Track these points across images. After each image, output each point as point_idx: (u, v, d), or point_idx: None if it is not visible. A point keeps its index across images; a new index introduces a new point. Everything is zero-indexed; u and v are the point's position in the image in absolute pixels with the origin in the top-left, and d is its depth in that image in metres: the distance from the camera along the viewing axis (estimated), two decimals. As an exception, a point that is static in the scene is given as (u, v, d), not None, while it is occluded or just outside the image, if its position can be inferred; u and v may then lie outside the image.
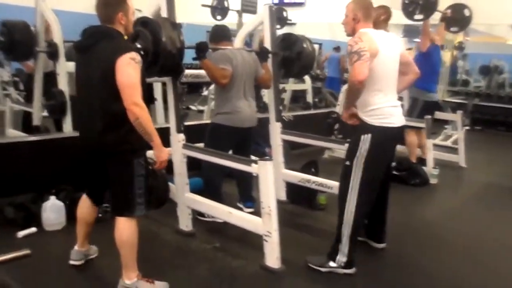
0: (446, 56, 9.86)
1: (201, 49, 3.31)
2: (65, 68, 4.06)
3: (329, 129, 5.58)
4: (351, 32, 2.82)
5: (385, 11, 3.99)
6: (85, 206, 2.68)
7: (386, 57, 2.75)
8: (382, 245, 3.29)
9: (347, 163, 2.83)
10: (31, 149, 3.72)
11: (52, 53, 4.09)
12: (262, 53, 3.76)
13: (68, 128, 3.97)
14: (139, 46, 2.71)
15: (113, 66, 2.25)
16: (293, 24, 10.50)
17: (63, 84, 4.02)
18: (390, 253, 3.29)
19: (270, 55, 3.81)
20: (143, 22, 2.87)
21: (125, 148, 2.39)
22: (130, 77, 2.27)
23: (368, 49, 2.62)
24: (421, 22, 5.27)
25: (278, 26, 4.90)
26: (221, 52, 3.54)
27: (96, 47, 2.34)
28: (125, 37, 2.46)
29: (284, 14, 7.12)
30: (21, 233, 3.13)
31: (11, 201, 3.36)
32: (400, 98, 5.76)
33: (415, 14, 5.18)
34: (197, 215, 3.51)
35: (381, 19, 3.96)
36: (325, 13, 8.78)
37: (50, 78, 4.27)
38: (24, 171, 3.54)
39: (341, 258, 2.87)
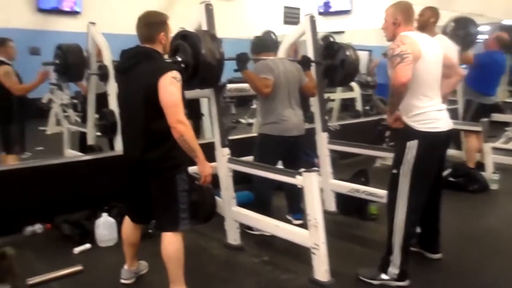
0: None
1: (241, 60, 3.34)
2: (115, 89, 4.20)
3: (379, 136, 5.44)
4: (392, 37, 2.75)
5: (434, 13, 3.87)
6: (128, 228, 2.73)
7: (429, 60, 2.65)
8: (437, 256, 3.14)
9: (394, 171, 2.74)
10: (84, 168, 3.88)
11: (103, 75, 4.26)
12: (304, 62, 3.74)
13: (119, 146, 4.10)
14: (179, 59, 2.77)
15: (155, 86, 2.32)
16: (341, 32, 10.43)
17: (114, 105, 4.16)
18: (447, 264, 3.13)
19: (312, 64, 3.78)
20: (182, 35, 2.93)
21: (168, 164, 2.44)
22: (173, 96, 2.33)
23: (411, 52, 2.53)
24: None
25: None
26: (262, 62, 3.56)
27: (137, 68, 2.41)
28: (165, 56, 2.52)
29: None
30: (77, 249, 3.25)
31: (67, 218, 3.50)
32: (453, 101, 5.60)
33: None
34: (245, 228, 3.50)
35: (430, 21, 3.85)
36: (373, 19, 8.63)
37: (103, 99, 4.44)
38: (79, 189, 3.69)
39: (393, 270, 2.76)
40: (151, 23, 2.48)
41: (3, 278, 2.30)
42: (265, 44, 3.80)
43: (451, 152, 5.13)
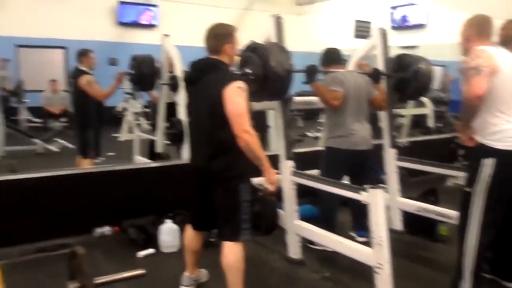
0: None
1: (311, 72, 3.32)
2: (184, 99, 4.33)
3: (452, 155, 5.20)
4: (465, 52, 2.63)
5: None
6: (190, 235, 2.76)
7: (507, 75, 2.49)
8: None
9: (467, 189, 2.59)
10: (152, 175, 4.01)
11: (174, 85, 4.40)
12: (375, 75, 3.66)
13: (185, 155, 4.19)
14: (248, 71, 2.79)
15: (221, 95, 2.35)
16: (415, 47, 10.12)
17: (182, 114, 4.27)
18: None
19: (383, 77, 3.68)
20: (252, 48, 2.96)
21: (231, 174, 2.46)
22: (239, 106, 2.35)
23: (488, 65, 2.40)
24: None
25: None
26: (332, 75, 3.52)
27: (204, 78, 2.47)
28: (232, 68, 2.56)
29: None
30: (141, 253, 3.35)
31: (133, 223, 3.62)
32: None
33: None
34: (307, 243, 3.45)
35: None
36: (448, 33, 8.31)
37: (172, 108, 4.58)
38: (146, 195, 3.81)
39: None
40: (218, 34, 2.53)
41: (73, 275, 2.41)
42: (335, 56, 3.74)
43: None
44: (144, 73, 4.58)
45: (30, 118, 8.75)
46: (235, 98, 2.36)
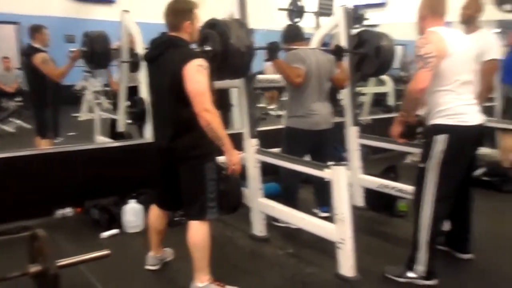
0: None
1: (272, 50, 3.29)
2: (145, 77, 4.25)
3: (410, 132, 5.32)
4: (421, 32, 2.68)
5: (479, 6, 3.74)
6: (154, 215, 2.76)
7: (458, 56, 2.56)
8: (468, 256, 3.05)
9: (421, 165, 2.68)
10: (114, 155, 3.95)
11: (135, 62, 4.30)
12: (337, 52, 3.63)
13: (148, 134, 4.13)
14: (208, 48, 2.74)
15: (181, 73, 2.30)
16: (375, 25, 10.23)
17: (144, 93, 4.19)
18: (478, 265, 3.03)
19: (345, 54, 3.70)
20: (211, 24, 2.88)
21: (196, 153, 2.44)
22: (200, 84, 2.31)
23: (435, 50, 2.48)
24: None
25: (356, 26, 4.74)
26: (293, 52, 3.50)
27: (163, 56, 2.42)
28: (192, 45, 2.51)
29: (362, 13, 6.94)
30: (105, 234, 3.31)
31: (96, 204, 3.56)
32: (491, 99, 5.44)
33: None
34: (272, 220, 3.49)
35: (475, 15, 3.74)
36: (408, 13, 8.44)
37: (134, 91, 4.48)
38: (108, 175, 3.76)
39: (420, 267, 2.70)
40: (177, 10, 2.46)
41: (34, 258, 2.37)
42: (297, 33, 3.72)
43: (485, 151, 4.99)
44: (97, 50, 4.40)
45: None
46: (196, 76, 2.31)
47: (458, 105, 2.59)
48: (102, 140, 4.98)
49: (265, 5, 8.10)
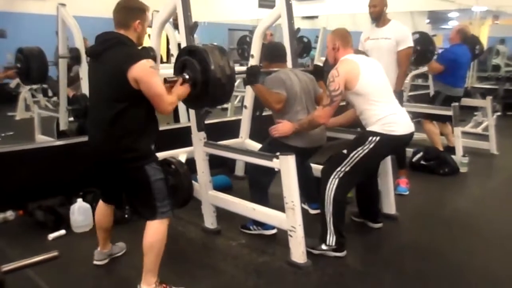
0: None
1: (252, 74, 3.18)
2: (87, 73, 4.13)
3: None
4: (334, 61, 3.03)
5: (385, 2, 4.05)
6: (101, 213, 2.73)
7: (370, 74, 2.91)
8: (378, 225, 3.46)
9: (345, 151, 2.93)
10: (57, 154, 3.81)
11: (74, 58, 4.16)
12: (316, 72, 3.54)
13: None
14: (187, 76, 2.56)
15: (124, 73, 2.21)
16: (315, 17, 10.42)
17: (86, 88, 4.08)
18: (418, 244, 3.24)
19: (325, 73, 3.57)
20: (190, 50, 2.69)
21: (132, 155, 2.34)
22: (159, 87, 2.30)
23: (343, 81, 2.84)
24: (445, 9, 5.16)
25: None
26: (274, 76, 3.30)
27: (107, 53, 2.32)
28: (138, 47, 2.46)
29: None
30: (51, 236, 3.20)
31: (40, 205, 3.43)
32: (425, 87, 5.68)
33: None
34: (241, 227, 3.37)
35: (383, 10, 4.02)
36: (347, 4, 8.66)
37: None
38: (52, 175, 3.63)
39: (331, 240, 2.94)
40: (129, 8, 2.38)
41: (-26, 266, 2.26)
42: (280, 53, 3.52)
43: (421, 136, 5.25)
44: (34, 67, 4.20)
45: None
46: (153, 79, 2.25)
47: (386, 115, 2.88)
48: (43, 139, 4.80)
49: (207, -2, 8.03)
